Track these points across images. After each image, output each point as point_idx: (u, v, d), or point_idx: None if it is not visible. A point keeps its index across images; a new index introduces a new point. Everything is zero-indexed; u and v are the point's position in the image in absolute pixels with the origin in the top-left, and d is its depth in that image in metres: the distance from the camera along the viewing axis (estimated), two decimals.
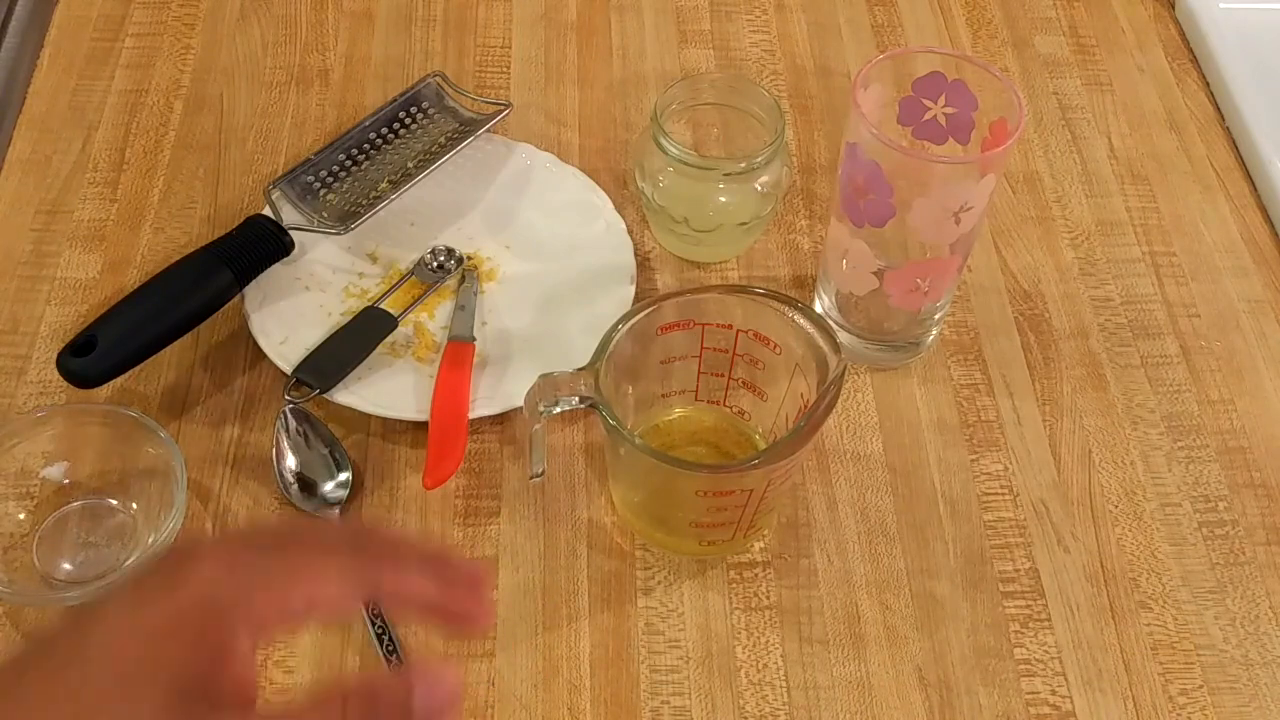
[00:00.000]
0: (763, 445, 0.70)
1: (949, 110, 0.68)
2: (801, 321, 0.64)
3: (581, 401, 0.62)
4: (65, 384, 0.69)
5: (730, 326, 0.66)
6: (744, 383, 0.69)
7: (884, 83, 0.68)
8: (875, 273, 0.71)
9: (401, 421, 0.72)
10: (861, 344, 0.75)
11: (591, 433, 0.73)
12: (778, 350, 0.66)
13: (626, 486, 0.69)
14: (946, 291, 0.73)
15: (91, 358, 0.69)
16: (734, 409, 0.71)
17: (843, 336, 0.74)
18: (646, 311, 0.65)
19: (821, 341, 0.63)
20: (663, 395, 0.70)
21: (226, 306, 0.74)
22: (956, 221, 0.67)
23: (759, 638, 0.66)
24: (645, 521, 0.69)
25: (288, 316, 0.75)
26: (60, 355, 0.69)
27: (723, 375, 0.69)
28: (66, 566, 0.66)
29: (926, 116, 0.69)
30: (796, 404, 0.66)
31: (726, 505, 0.63)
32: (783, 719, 0.64)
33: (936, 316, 0.75)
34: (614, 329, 0.63)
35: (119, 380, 0.71)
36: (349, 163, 0.80)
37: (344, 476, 0.70)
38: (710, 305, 0.66)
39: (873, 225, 0.68)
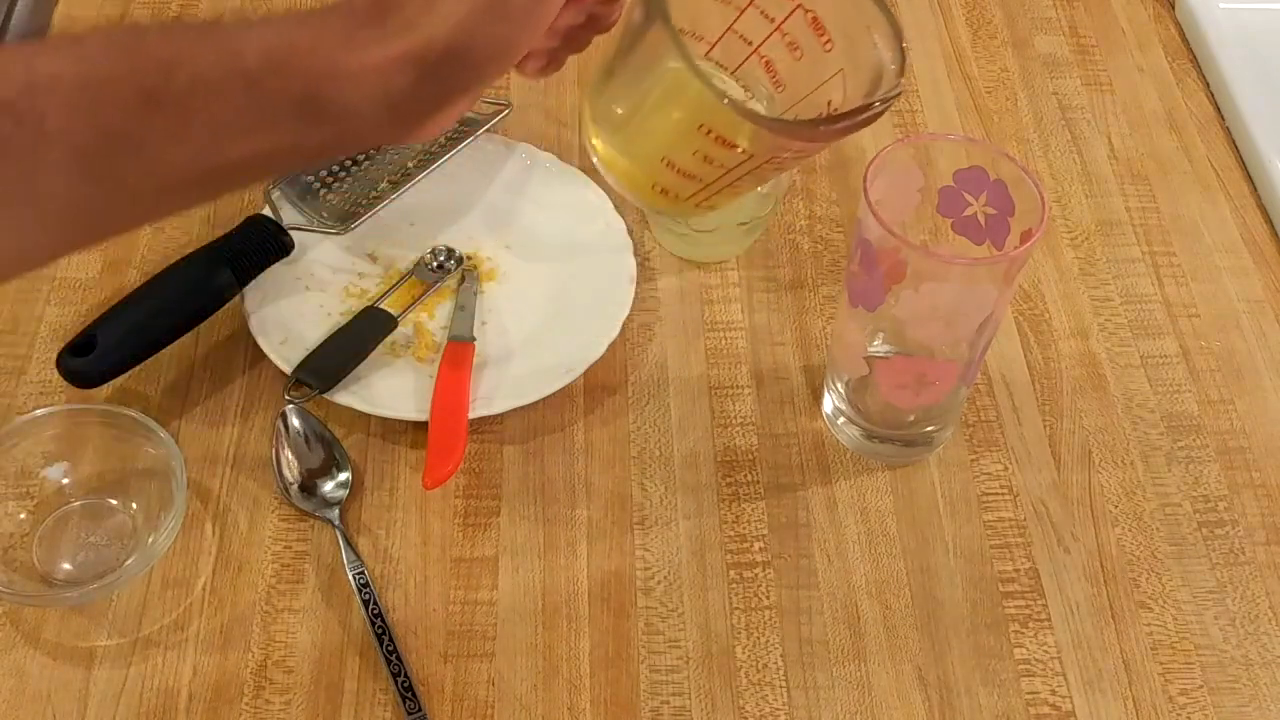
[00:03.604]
0: None
1: (990, 211, 0.66)
2: (875, 29, 0.57)
3: None
4: (65, 384, 0.69)
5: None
6: (768, 63, 0.61)
7: (907, 165, 0.66)
8: (866, 358, 0.70)
9: (401, 421, 0.72)
10: (859, 433, 0.73)
11: (591, 432, 0.73)
12: (829, 47, 0.58)
13: (620, 88, 0.59)
14: (945, 397, 0.70)
15: (91, 358, 0.69)
16: (739, 83, 0.62)
17: (846, 425, 0.73)
18: None
19: (886, 54, 0.56)
20: (680, 30, 0.59)
21: (226, 306, 0.74)
22: (947, 324, 0.65)
23: (759, 638, 0.66)
24: (614, 136, 0.60)
25: (288, 316, 0.75)
26: (60, 355, 0.69)
27: (751, 44, 0.60)
28: (66, 566, 0.66)
29: (967, 212, 0.66)
30: (816, 109, 0.59)
31: (715, 156, 0.56)
32: (783, 719, 0.64)
33: (930, 428, 0.72)
34: None
35: (119, 380, 0.71)
36: (349, 163, 0.80)
37: (344, 476, 0.70)
38: None
39: (865, 308, 0.66)
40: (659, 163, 0.58)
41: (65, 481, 0.68)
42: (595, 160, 0.60)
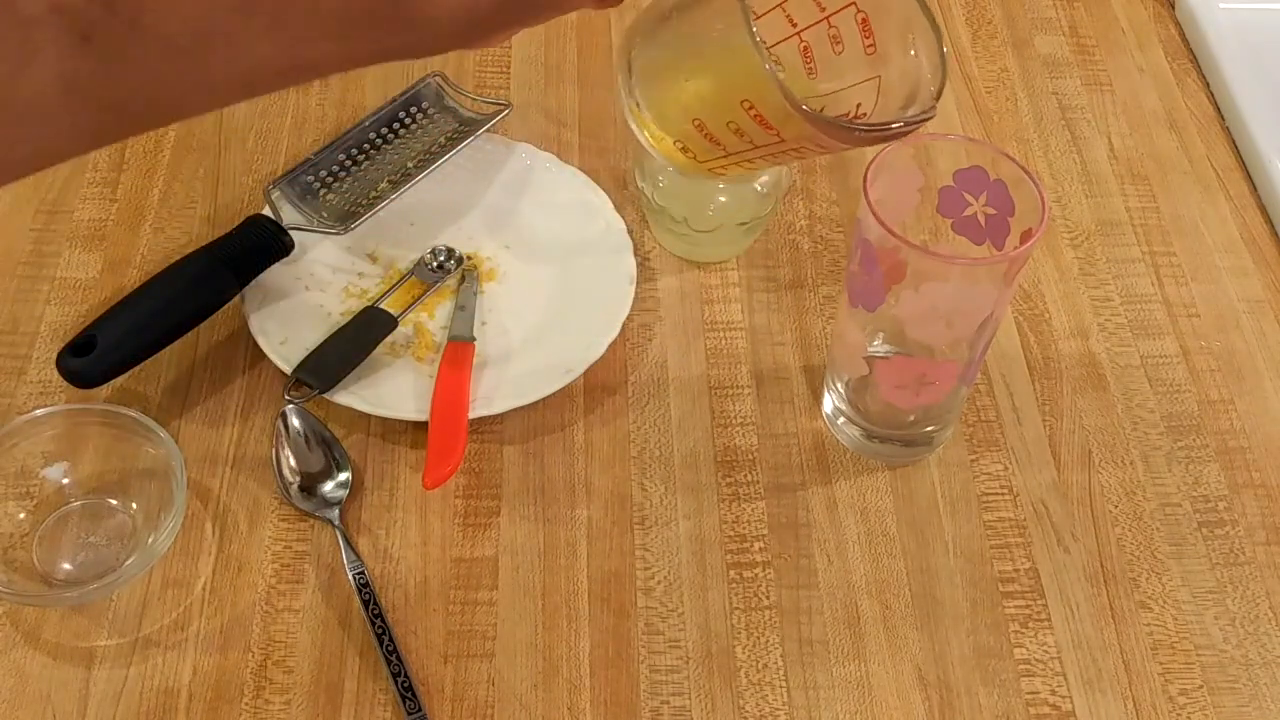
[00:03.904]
0: None
1: (989, 211, 0.65)
2: (920, 45, 0.57)
3: None
4: (65, 384, 0.69)
5: None
6: (806, 49, 0.59)
7: (907, 165, 0.65)
8: (866, 358, 0.70)
9: (401, 421, 0.72)
10: (859, 433, 0.73)
11: (591, 432, 0.73)
12: (871, 51, 0.58)
13: (670, 39, 0.59)
14: (945, 397, 0.70)
15: (91, 358, 0.69)
16: (774, 62, 0.60)
17: (846, 425, 0.73)
18: None
19: (927, 74, 0.56)
20: None
21: (226, 306, 0.74)
22: (947, 324, 0.65)
23: (759, 638, 0.66)
24: (651, 86, 0.59)
25: (288, 316, 0.75)
26: (60, 355, 0.69)
27: (795, 26, 0.59)
28: (66, 566, 0.66)
29: (967, 212, 0.66)
30: (842, 108, 0.59)
31: (747, 131, 0.56)
32: (783, 719, 0.64)
33: (930, 428, 0.72)
34: None
35: (119, 380, 0.71)
36: (349, 163, 0.80)
37: (344, 476, 0.70)
38: None
39: (865, 308, 0.66)
40: (689, 122, 0.58)
41: (65, 481, 0.69)
42: (626, 108, 0.60)
